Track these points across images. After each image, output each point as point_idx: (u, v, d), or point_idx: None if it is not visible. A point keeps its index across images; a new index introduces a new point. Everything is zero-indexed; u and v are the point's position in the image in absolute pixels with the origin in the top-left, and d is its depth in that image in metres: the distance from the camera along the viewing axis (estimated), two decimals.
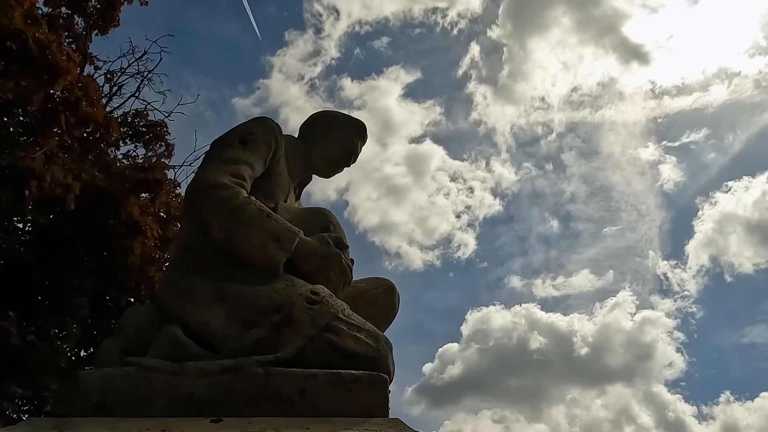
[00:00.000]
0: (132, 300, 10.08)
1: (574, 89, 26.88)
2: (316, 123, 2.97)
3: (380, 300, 2.59)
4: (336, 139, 2.91)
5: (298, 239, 2.27)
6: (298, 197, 2.99)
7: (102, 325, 10.23)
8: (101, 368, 2.06)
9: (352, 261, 2.48)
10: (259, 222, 2.22)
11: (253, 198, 2.30)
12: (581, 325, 25.02)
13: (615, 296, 25.96)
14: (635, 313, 24.58)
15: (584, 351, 24.19)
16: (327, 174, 3.02)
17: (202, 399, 1.88)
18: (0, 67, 8.37)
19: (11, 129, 9.26)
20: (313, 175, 3.04)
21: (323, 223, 2.54)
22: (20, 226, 10.30)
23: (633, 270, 27.00)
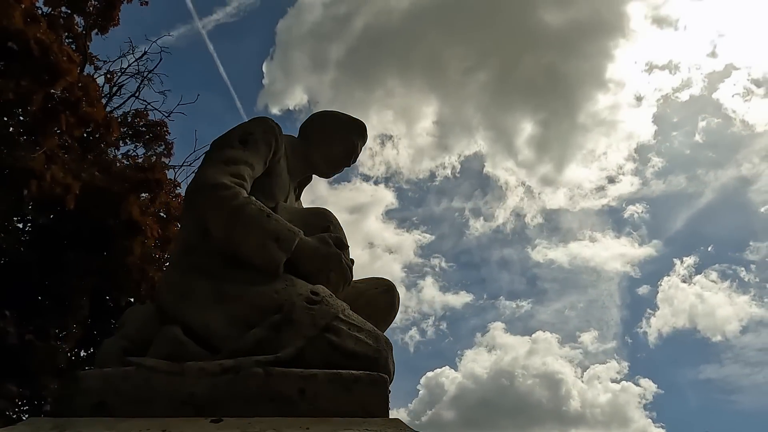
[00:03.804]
0: (132, 300, 10.08)
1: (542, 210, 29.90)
2: (317, 123, 2.96)
3: (380, 300, 2.58)
4: (336, 138, 2.91)
5: (298, 239, 2.27)
6: (298, 197, 2.98)
7: (102, 325, 10.23)
8: (101, 368, 2.05)
9: (352, 261, 2.47)
10: (260, 222, 2.21)
11: (254, 198, 2.29)
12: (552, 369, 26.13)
13: (580, 342, 28.52)
14: (617, 375, 26.65)
15: (554, 394, 25.56)
16: (327, 174, 3.02)
17: (202, 399, 1.87)
18: (0, 67, 8.36)
19: (11, 129, 9.25)
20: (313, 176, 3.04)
21: (323, 223, 2.53)
22: (20, 226, 10.29)
23: (597, 318, 30.22)
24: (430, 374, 27.40)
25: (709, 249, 30.12)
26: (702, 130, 29.61)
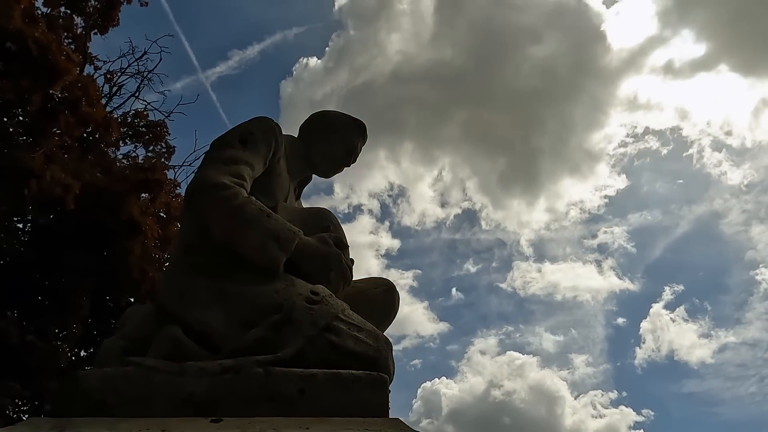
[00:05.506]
0: (132, 300, 10.08)
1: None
2: (316, 123, 2.96)
3: (380, 300, 2.59)
4: (336, 138, 2.91)
5: (298, 239, 2.27)
6: (298, 197, 2.99)
7: (102, 325, 10.23)
8: (101, 368, 2.05)
9: (352, 261, 2.48)
10: (259, 222, 2.22)
11: (254, 198, 2.29)
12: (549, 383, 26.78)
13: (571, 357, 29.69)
14: (607, 401, 27.25)
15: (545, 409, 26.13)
16: (327, 174, 3.03)
17: (202, 399, 1.87)
18: (0, 68, 8.35)
19: (11, 129, 9.25)
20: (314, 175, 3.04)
21: (323, 223, 2.54)
22: (20, 226, 10.30)
23: (584, 336, 31.46)
24: (427, 384, 27.81)
25: (687, 279, 32.59)
26: (675, 182, 32.35)
